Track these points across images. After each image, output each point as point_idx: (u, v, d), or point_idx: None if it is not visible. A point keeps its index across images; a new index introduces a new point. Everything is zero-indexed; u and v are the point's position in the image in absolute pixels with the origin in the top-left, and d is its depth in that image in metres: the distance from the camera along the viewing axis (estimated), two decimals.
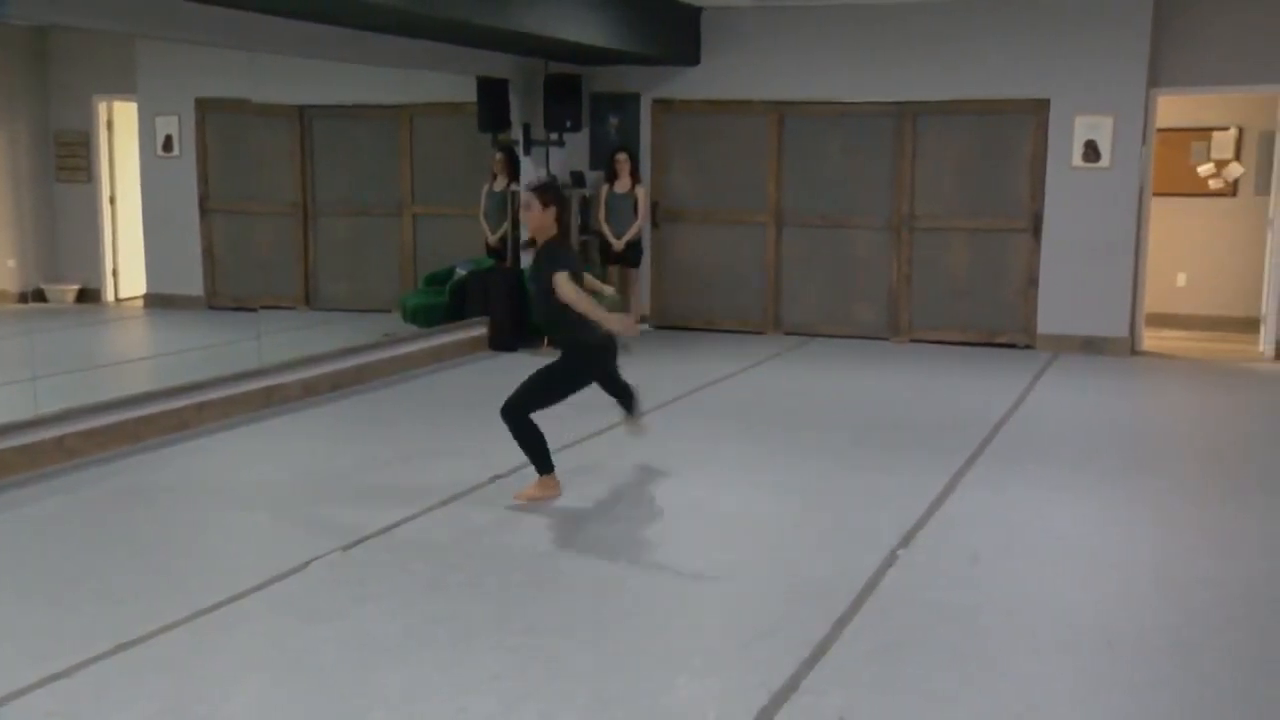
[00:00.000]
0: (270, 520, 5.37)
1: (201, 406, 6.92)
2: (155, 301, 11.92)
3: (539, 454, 5.45)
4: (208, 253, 11.87)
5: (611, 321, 5.35)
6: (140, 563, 4.71)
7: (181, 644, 3.91)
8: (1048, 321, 9.93)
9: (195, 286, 11.87)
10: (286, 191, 11.66)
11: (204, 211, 11.83)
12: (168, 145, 11.78)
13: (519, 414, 5.40)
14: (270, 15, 7.17)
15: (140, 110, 11.79)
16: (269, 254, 11.77)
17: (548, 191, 5.48)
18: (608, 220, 10.37)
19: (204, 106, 11.66)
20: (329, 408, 7.62)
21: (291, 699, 3.54)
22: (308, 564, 4.62)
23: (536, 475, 5.50)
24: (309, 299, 11.68)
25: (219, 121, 11.73)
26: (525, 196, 5.52)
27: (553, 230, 5.44)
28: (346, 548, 4.82)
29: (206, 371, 7.22)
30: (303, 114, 11.51)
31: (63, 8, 6.16)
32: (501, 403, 5.44)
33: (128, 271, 12.31)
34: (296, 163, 11.62)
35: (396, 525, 5.13)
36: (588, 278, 5.71)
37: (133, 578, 4.54)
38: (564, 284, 5.24)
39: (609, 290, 6.11)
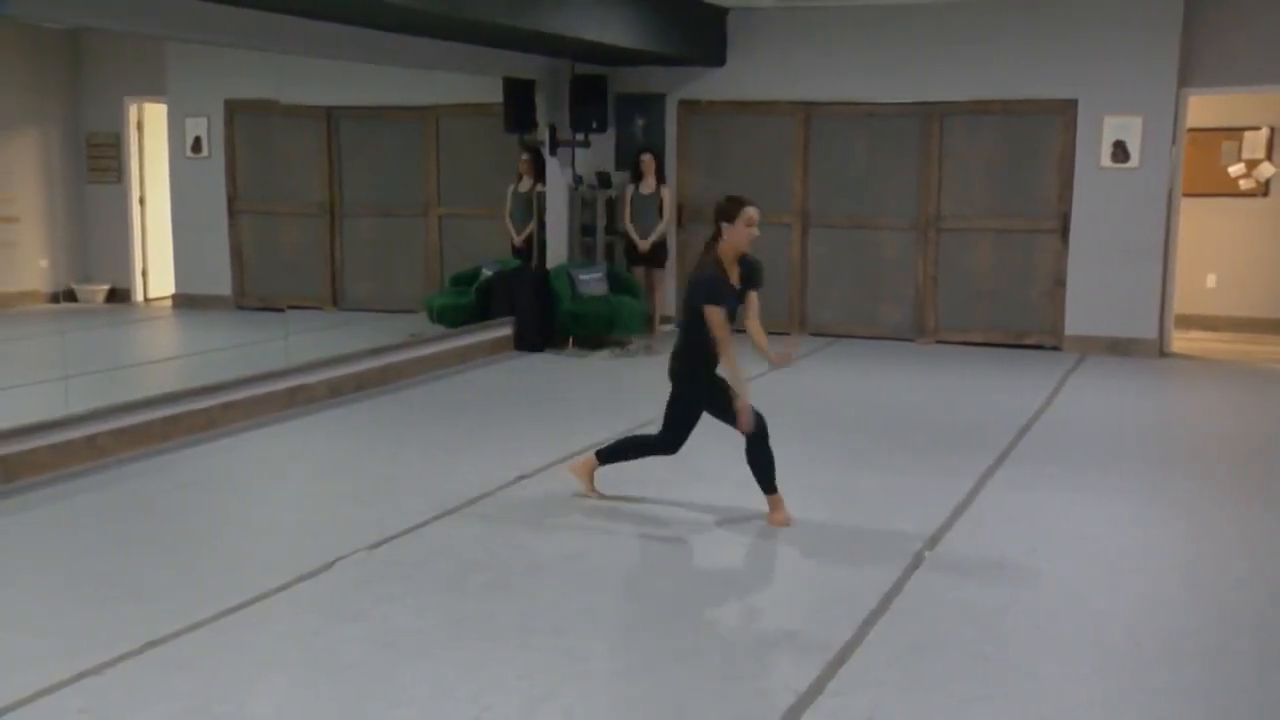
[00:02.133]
0: (296, 519, 5.39)
1: (228, 406, 6.95)
2: (184, 302, 12.00)
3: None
4: (236, 253, 11.94)
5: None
6: (168, 561, 4.74)
7: (208, 642, 3.93)
8: (1075, 323, 9.86)
9: (223, 287, 11.94)
10: (314, 192, 11.72)
11: (232, 212, 11.90)
12: (197, 146, 11.86)
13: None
14: (297, 17, 7.20)
15: (170, 111, 11.88)
16: (296, 255, 11.82)
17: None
18: (633, 221, 10.37)
19: (233, 108, 11.73)
20: (355, 408, 7.64)
21: (316, 698, 3.55)
22: (333, 563, 4.63)
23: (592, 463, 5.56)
24: (336, 299, 11.73)
25: (247, 123, 11.80)
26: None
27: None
28: (373, 547, 4.83)
29: (234, 371, 7.25)
30: (330, 115, 11.56)
31: (61, 6, 6.18)
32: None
33: (157, 272, 12.41)
34: (324, 164, 11.67)
35: (422, 525, 5.14)
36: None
37: (160, 576, 4.56)
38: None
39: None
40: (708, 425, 7.20)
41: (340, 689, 3.59)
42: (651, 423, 7.14)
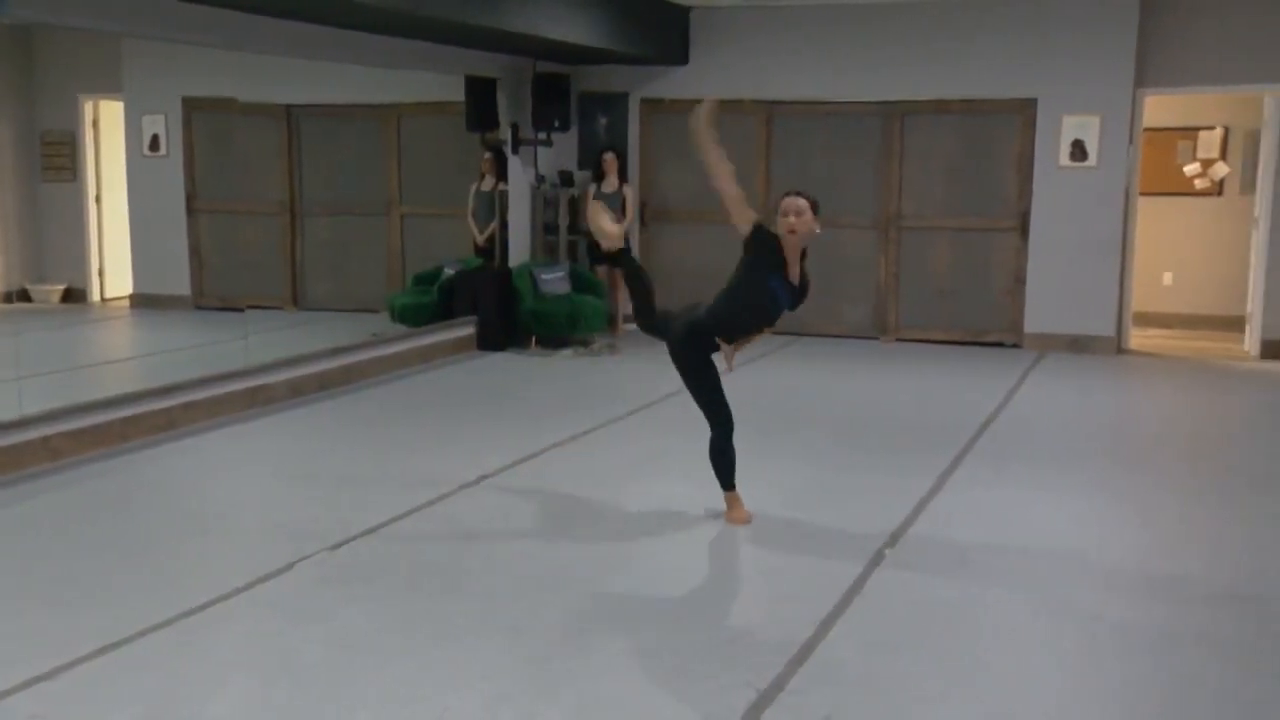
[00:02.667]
0: (256, 520, 5.35)
1: (188, 406, 6.89)
2: (141, 301, 11.87)
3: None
4: (194, 253, 11.83)
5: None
6: (125, 563, 4.69)
7: (166, 645, 3.89)
8: (1035, 320, 9.95)
9: (182, 286, 11.82)
10: (274, 191, 11.63)
11: (191, 211, 11.78)
12: (154, 144, 11.74)
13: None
14: (258, 15, 7.15)
15: (126, 109, 11.74)
16: (256, 254, 11.73)
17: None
18: None
19: (191, 106, 11.62)
20: (316, 408, 7.60)
21: (276, 700, 3.52)
22: (294, 564, 4.60)
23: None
24: (296, 299, 11.65)
25: (206, 121, 11.69)
26: (800, 203, 4.95)
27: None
28: (333, 548, 4.81)
29: (193, 372, 7.18)
30: (290, 113, 11.48)
31: (43, 6, 6.13)
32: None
33: (114, 271, 12.26)
34: (284, 162, 11.58)
35: (384, 525, 5.12)
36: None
37: (117, 578, 4.51)
38: None
39: None
40: (673, 423, 7.23)
41: (300, 690, 3.57)
42: (615, 420, 7.17)
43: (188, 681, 3.64)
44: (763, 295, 5.00)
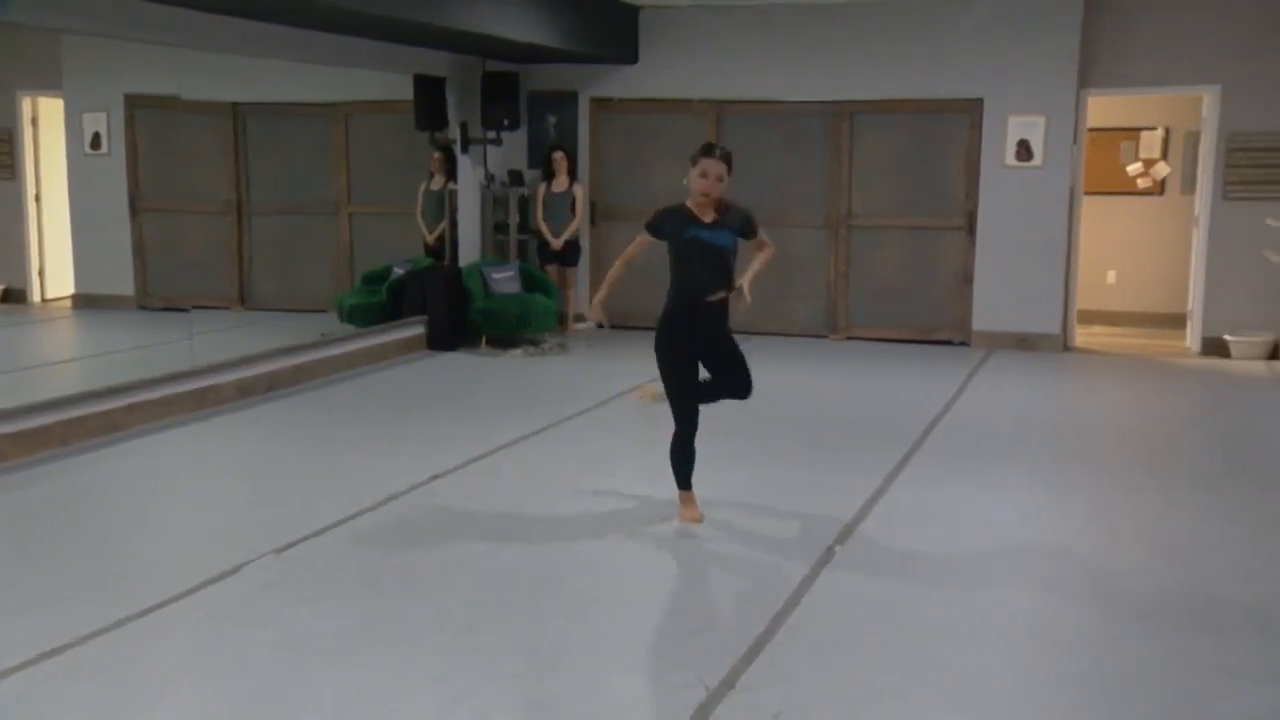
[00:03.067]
0: (202, 523, 5.29)
1: (133, 408, 6.80)
2: (84, 302, 11.68)
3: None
4: (138, 252, 11.66)
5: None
6: (67, 567, 4.62)
7: (110, 651, 3.83)
8: (982, 319, 10.06)
9: (125, 286, 11.65)
10: (220, 190, 11.49)
11: (134, 210, 11.62)
12: (96, 143, 11.55)
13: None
14: (202, 11, 7.07)
15: (67, 107, 11.54)
16: (202, 253, 11.59)
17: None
18: (545, 219, 10.36)
19: (133, 103, 11.45)
20: (264, 409, 7.52)
21: (223, 705, 3.49)
22: (240, 567, 4.56)
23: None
24: (243, 299, 11.52)
25: (149, 118, 11.53)
26: (720, 169, 5.19)
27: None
28: (281, 550, 4.76)
29: (138, 373, 7.09)
30: (236, 111, 11.35)
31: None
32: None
33: (54, 271, 12.04)
34: (230, 161, 11.45)
35: (333, 526, 5.08)
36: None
37: (60, 582, 4.44)
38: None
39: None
40: (624, 422, 7.24)
41: (247, 695, 3.53)
42: (567, 419, 7.16)
43: (131, 688, 3.59)
44: (693, 247, 5.07)
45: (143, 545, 5.01)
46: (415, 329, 9.64)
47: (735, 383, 5.27)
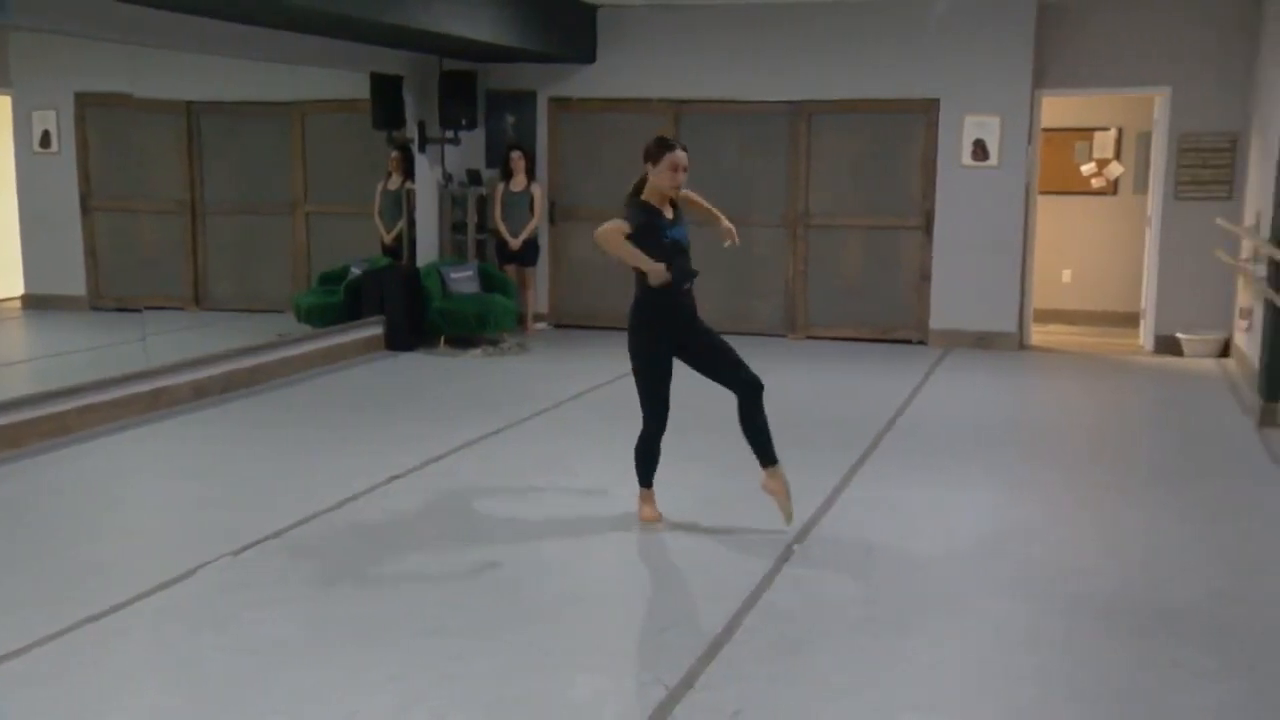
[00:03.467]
0: (157, 526, 5.24)
1: (85, 410, 6.72)
2: (34, 302, 11.52)
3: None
4: (90, 252, 11.52)
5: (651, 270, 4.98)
6: (18, 571, 4.56)
7: (64, 656, 3.79)
8: (940, 317, 10.15)
9: (77, 286, 11.50)
10: (174, 189, 11.38)
11: (86, 209, 11.48)
12: (45, 141, 11.40)
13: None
14: (155, 9, 7.00)
15: (15, 104, 11.38)
16: (155, 253, 11.47)
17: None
18: (504, 219, 10.34)
19: (84, 101, 11.32)
20: (220, 410, 7.46)
21: (180, 709, 3.46)
22: (196, 570, 4.52)
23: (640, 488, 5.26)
24: (198, 299, 11.41)
25: (100, 117, 11.39)
26: (687, 160, 5.26)
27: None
28: (237, 552, 4.73)
29: (90, 374, 7.01)
30: (190, 110, 11.25)
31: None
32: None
33: (4, 271, 11.89)
34: (184, 160, 11.34)
35: (290, 528, 5.05)
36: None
37: (10, 587, 4.39)
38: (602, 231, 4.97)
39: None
40: (584, 423, 7.24)
41: (203, 700, 3.51)
42: (526, 419, 7.15)
43: (84, 693, 3.55)
44: (675, 249, 5.19)
45: (97, 549, 4.95)
46: (373, 329, 9.60)
47: (735, 378, 5.23)
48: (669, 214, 5.19)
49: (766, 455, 5.13)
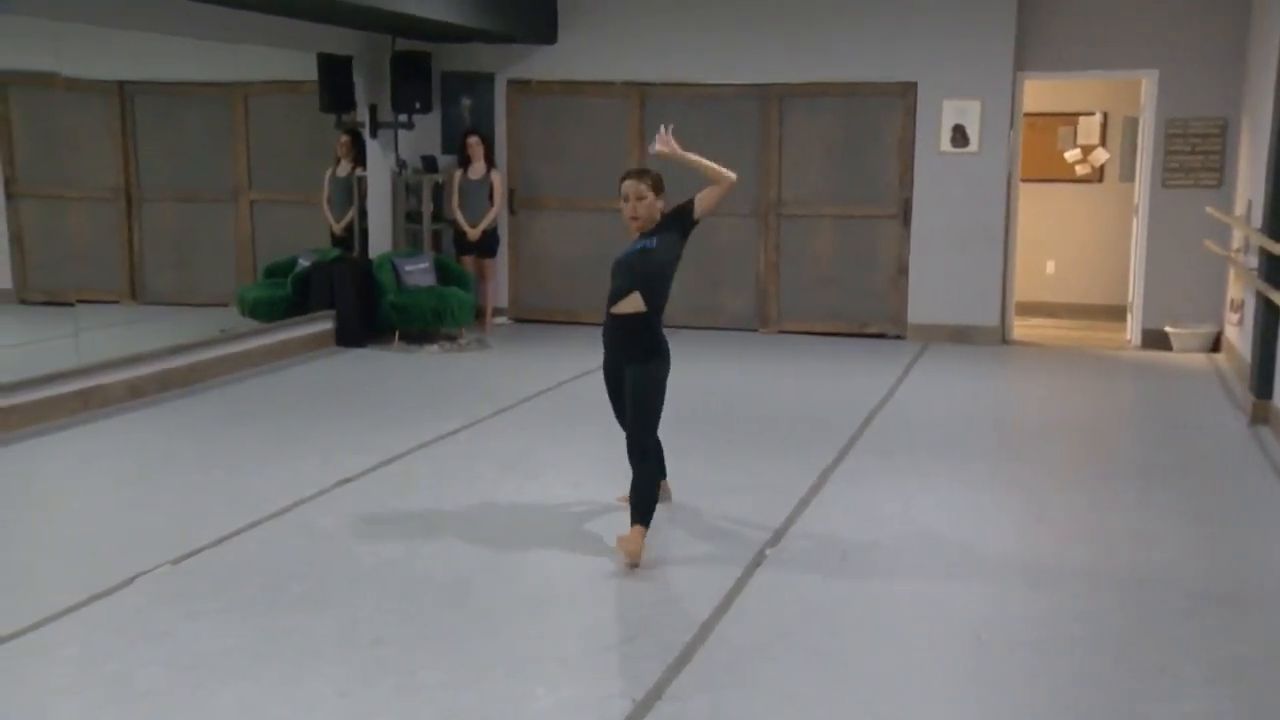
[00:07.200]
0: (89, 533, 5.17)
1: (10, 411, 6.64)
2: None
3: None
4: (16, 241, 11.36)
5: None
6: None
7: None
8: (918, 311, 10.18)
9: (2, 279, 11.37)
10: (107, 175, 11.24)
11: (10, 196, 11.32)
12: None
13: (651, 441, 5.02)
14: None
15: None
16: (88, 243, 11.33)
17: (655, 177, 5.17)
18: (461, 208, 10.29)
19: (6, 81, 11.17)
20: (158, 410, 7.39)
21: None
22: (132, 579, 4.47)
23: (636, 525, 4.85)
24: (135, 292, 11.29)
25: (25, 98, 11.23)
26: (634, 187, 5.06)
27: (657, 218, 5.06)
28: (176, 561, 4.67)
29: (16, 373, 6.91)
30: (123, 90, 11.12)
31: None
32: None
33: None
34: (117, 144, 11.21)
35: (233, 535, 5.00)
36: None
37: None
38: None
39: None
40: (545, 422, 7.21)
41: (139, 715, 3.46)
42: (485, 419, 7.12)
43: (11, 710, 3.50)
44: (615, 268, 5.21)
45: (21, 557, 4.88)
46: (322, 324, 9.53)
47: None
48: (635, 236, 5.12)
49: (633, 514, 4.86)
